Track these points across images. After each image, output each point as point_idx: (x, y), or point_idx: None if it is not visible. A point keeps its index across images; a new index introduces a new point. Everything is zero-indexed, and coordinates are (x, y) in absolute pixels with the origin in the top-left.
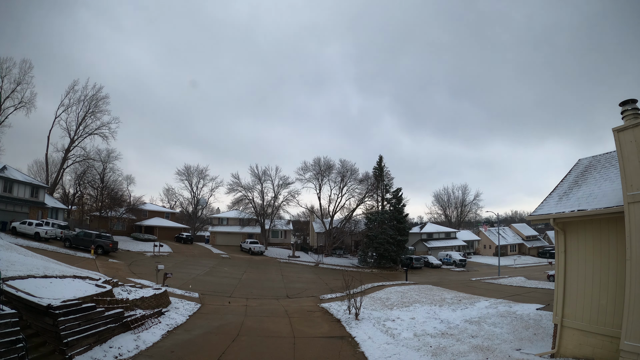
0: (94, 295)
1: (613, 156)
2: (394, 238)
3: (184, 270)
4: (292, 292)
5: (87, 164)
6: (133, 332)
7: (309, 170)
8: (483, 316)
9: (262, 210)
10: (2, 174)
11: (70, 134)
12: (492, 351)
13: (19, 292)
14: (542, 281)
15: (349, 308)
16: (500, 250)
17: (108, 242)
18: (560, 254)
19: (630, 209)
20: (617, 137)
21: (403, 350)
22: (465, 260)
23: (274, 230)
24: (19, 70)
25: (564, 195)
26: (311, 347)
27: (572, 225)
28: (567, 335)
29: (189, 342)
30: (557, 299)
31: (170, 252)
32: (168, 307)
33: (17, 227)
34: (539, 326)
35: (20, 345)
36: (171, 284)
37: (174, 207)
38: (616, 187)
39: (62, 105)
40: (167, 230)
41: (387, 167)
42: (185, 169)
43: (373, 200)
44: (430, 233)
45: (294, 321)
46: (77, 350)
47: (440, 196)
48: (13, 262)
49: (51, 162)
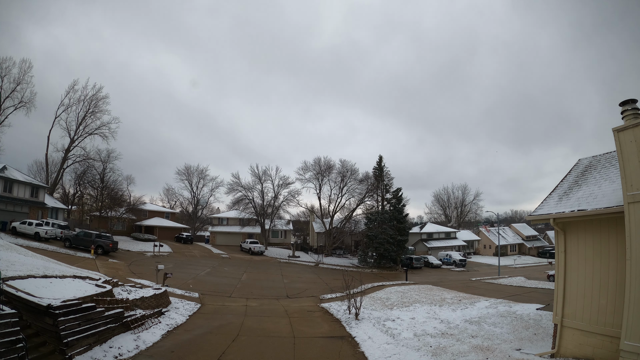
0: (94, 295)
1: (613, 156)
2: (394, 238)
3: (184, 270)
4: (292, 292)
5: (87, 164)
6: (133, 332)
7: (309, 170)
8: (483, 316)
9: (262, 210)
10: (2, 174)
11: (70, 133)
12: (492, 351)
13: (19, 292)
14: (542, 281)
15: (349, 308)
16: (500, 250)
17: (108, 242)
18: (560, 254)
19: (630, 209)
20: (617, 137)
21: (403, 350)
22: (465, 260)
23: (274, 230)
24: (19, 70)
25: (564, 195)
26: (311, 347)
27: (572, 225)
28: (567, 335)
29: (189, 342)
30: (557, 299)
31: (170, 252)
32: (168, 307)
33: (17, 227)
34: (539, 326)
35: (21, 345)
36: (171, 283)
37: (174, 207)
38: (616, 187)
39: (62, 105)
40: (167, 230)
41: (387, 167)
42: (185, 169)
43: (373, 200)
44: (430, 233)
45: (294, 321)
46: (77, 350)
47: (440, 196)
48: (13, 262)
49: (51, 162)
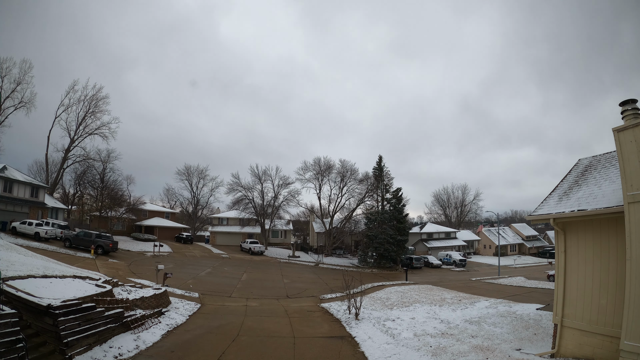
0: (94, 295)
1: (613, 156)
2: (394, 238)
3: (184, 270)
4: (292, 292)
5: (87, 164)
6: (133, 332)
7: (309, 170)
8: (483, 316)
9: (262, 210)
10: (2, 174)
11: (70, 134)
12: (492, 351)
13: (19, 292)
14: (542, 281)
15: (349, 308)
16: (500, 250)
17: (108, 242)
18: (560, 254)
19: (630, 209)
20: (617, 137)
21: (403, 350)
22: (465, 260)
23: (274, 230)
24: (19, 70)
25: (564, 195)
26: (311, 347)
27: (572, 225)
28: (567, 335)
29: (189, 342)
30: (557, 299)
31: (170, 252)
32: (168, 307)
33: (17, 227)
34: (539, 326)
35: (21, 345)
36: (171, 283)
37: (174, 207)
38: (616, 187)
39: (62, 105)
40: (167, 230)
41: (386, 167)
42: (185, 169)
43: (373, 200)
44: (430, 233)
45: (294, 321)
46: (77, 350)
47: (440, 196)
48: (13, 262)
49: (51, 162)
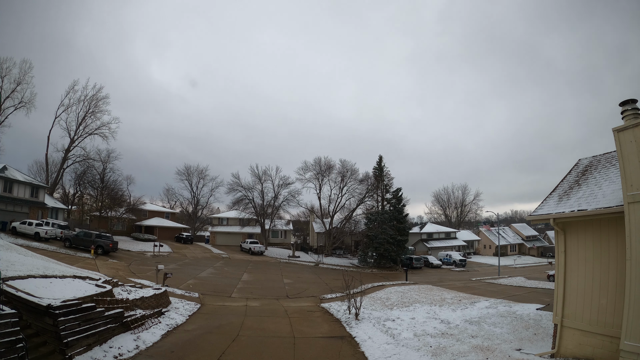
0: (94, 295)
1: (613, 156)
2: (394, 238)
3: (184, 270)
4: (292, 292)
5: (87, 164)
6: (133, 332)
7: (309, 170)
8: (483, 316)
9: (262, 210)
10: (2, 174)
11: (70, 134)
12: (492, 351)
13: (19, 292)
14: (542, 281)
15: (349, 308)
16: (500, 250)
17: (108, 242)
18: (560, 254)
19: (630, 209)
20: (617, 137)
21: (403, 350)
22: (465, 260)
23: (274, 230)
24: (19, 70)
25: (564, 195)
26: (311, 347)
27: (572, 225)
28: (567, 335)
29: (189, 342)
30: (557, 299)
31: (170, 252)
32: (168, 307)
33: (17, 227)
34: (539, 326)
35: (21, 345)
36: (171, 284)
37: (174, 207)
38: (616, 187)
39: (62, 105)
40: (167, 230)
41: (387, 167)
42: (185, 169)
43: (373, 200)
44: (430, 233)
45: (294, 321)
46: (77, 350)
47: (440, 196)
48: (13, 262)
49: (51, 162)
